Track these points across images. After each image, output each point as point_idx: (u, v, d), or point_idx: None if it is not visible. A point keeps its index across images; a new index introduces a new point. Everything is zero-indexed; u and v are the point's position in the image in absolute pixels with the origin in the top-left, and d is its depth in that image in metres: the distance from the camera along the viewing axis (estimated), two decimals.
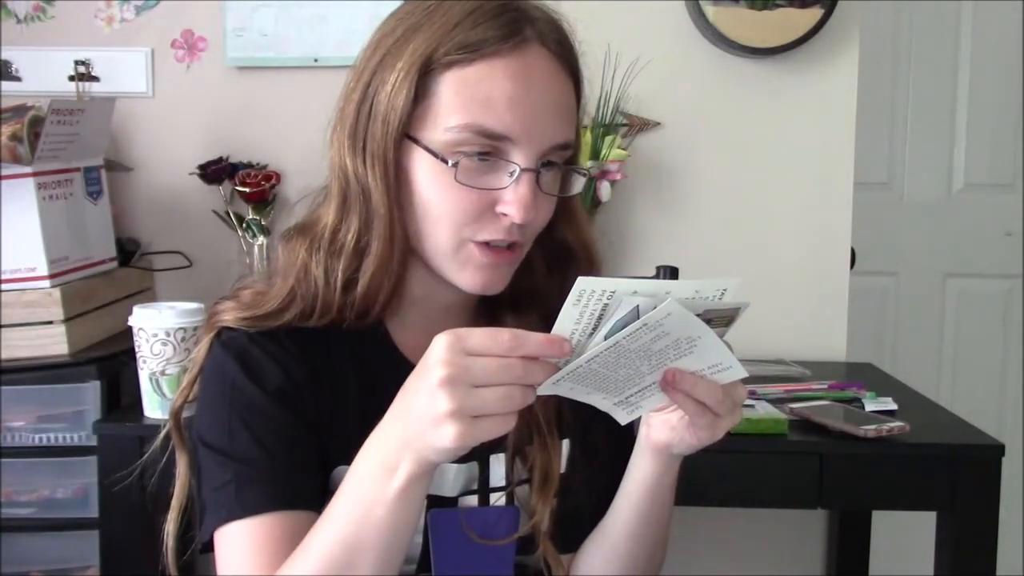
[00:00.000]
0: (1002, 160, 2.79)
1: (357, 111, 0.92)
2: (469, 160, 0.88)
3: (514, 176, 0.89)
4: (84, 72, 2.16)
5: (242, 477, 0.89)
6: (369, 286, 0.93)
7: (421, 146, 0.90)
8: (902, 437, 1.59)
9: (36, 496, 1.79)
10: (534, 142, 0.89)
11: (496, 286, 0.94)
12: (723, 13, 2.06)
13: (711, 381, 0.79)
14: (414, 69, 0.89)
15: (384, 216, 0.91)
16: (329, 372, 0.95)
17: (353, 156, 0.92)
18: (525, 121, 0.88)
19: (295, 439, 0.92)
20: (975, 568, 1.62)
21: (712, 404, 0.80)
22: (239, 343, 0.94)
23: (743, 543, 2.25)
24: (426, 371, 0.75)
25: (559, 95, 0.91)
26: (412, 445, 0.77)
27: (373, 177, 0.91)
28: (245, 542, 0.88)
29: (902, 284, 2.83)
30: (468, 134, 0.88)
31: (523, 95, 0.88)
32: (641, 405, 0.83)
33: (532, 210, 0.89)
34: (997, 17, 2.74)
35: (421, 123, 0.90)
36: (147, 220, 2.22)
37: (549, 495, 0.97)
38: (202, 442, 0.93)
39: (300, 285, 0.94)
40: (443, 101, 0.89)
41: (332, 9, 2.11)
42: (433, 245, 0.92)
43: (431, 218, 0.91)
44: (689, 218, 2.17)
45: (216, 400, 0.93)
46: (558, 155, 0.92)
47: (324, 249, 0.94)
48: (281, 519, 0.88)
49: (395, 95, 0.89)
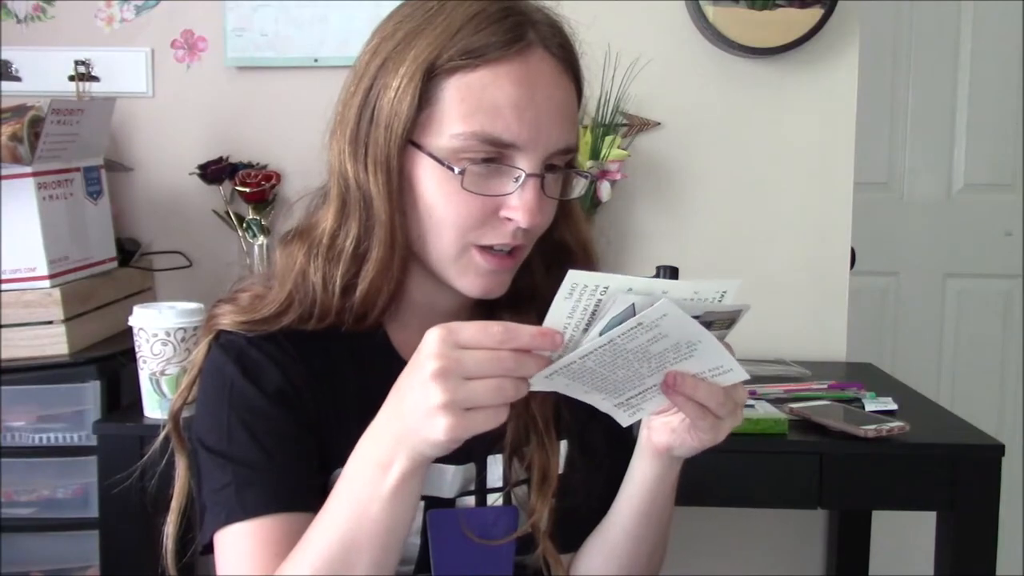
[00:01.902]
0: (1002, 160, 2.79)
1: (358, 116, 0.92)
2: (474, 166, 0.88)
3: (520, 182, 0.89)
4: (84, 72, 2.16)
5: (241, 479, 0.89)
6: (368, 291, 0.93)
7: (425, 152, 0.89)
8: (902, 437, 1.59)
9: (36, 496, 1.79)
10: (539, 148, 0.89)
11: (496, 291, 0.94)
12: (723, 13, 2.06)
13: (712, 384, 0.79)
14: (418, 75, 0.88)
15: (386, 222, 0.91)
16: (328, 375, 0.95)
17: (354, 162, 0.92)
18: (531, 128, 0.88)
19: (294, 441, 0.92)
20: (975, 568, 1.62)
21: (713, 407, 0.80)
22: (238, 345, 0.94)
23: (743, 543, 2.25)
24: (418, 365, 0.75)
25: (563, 100, 0.91)
26: (406, 440, 0.77)
27: (375, 183, 0.90)
28: (245, 544, 0.88)
29: (902, 284, 2.83)
30: (474, 141, 0.87)
31: (528, 102, 0.88)
32: (642, 407, 0.83)
33: (538, 215, 0.89)
34: (997, 17, 2.74)
35: (425, 129, 0.89)
36: (147, 220, 2.22)
37: (548, 494, 0.97)
38: (201, 444, 0.93)
39: (298, 290, 0.94)
40: (447, 107, 0.88)
41: (332, 9, 2.11)
42: (436, 251, 0.92)
43: (434, 224, 0.91)
44: (689, 218, 2.17)
45: (215, 402, 0.93)
46: (560, 159, 0.92)
47: (322, 255, 0.94)
48: (281, 521, 0.88)
49: (398, 101, 0.89)
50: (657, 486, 0.95)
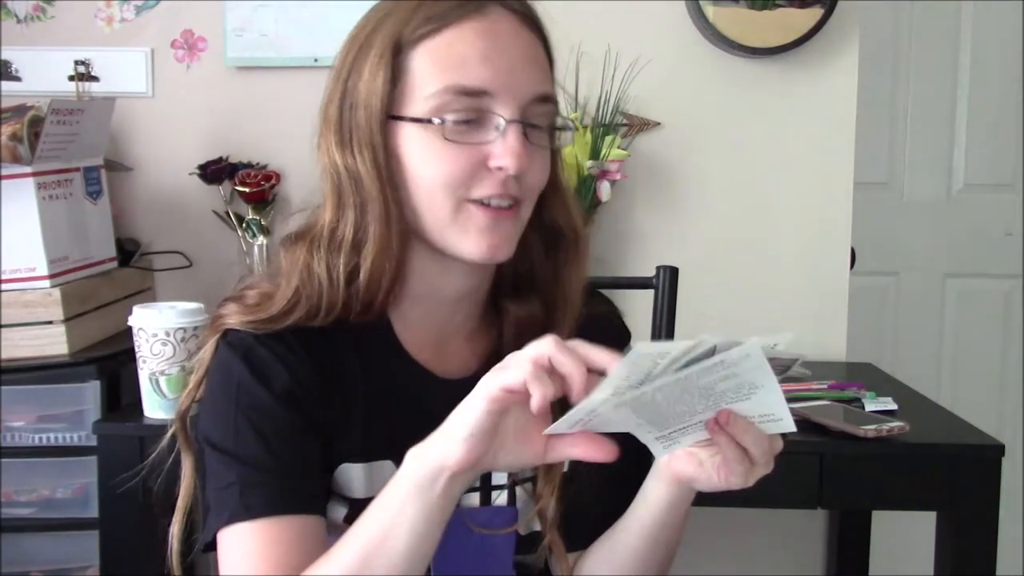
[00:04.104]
0: (1002, 160, 2.79)
1: (340, 108, 0.94)
2: (453, 116, 0.90)
3: (500, 129, 0.90)
4: (84, 72, 2.16)
5: (246, 479, 0.89)
6: (372, 272, 0.93)
7: (406, 120, 0.91)
8: (902, 437, 1.59)
9: (36, 496, 1.79)
10: (514, 93, 0.90)
11: (502, 248, 0.92)
12: (723, 13, 2.06)
13: (760, 431, 0.80)
14: (387, 52, 0.91)
15: (378, 197, 0.92)
16: (335, 371, 0.95)
17: (341, 150, 0.94)
18: (500, 73, 0.90)
19: (301, 441, 0.92)
20: (975, 568, 1.62)
21: (755, 453, 0.81)
22: (246, 343, 0.94)
23: (743, 543, 2.25)
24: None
25: (528, 48, 0.93)
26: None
27: (363, 163, 0.92)
28: (248, 544, 0.88)
29: (902, 284, 2.83)
30: (449, 96, 0.89)
31: (493, 50, 0.90)
32: (680, 441, 0.82)
33: (524, 159, 0.90)
34: (997, 17, 2.74)
35: (402, 101, 0.92)
36: (147, 220, 2.22)
37: (555, 480, 0.97)
38: (207, 441, 0.93)
39: (304, 286, 0.94)
40: (419, 74, 0.91)
41: (332, 9, 2.11)
42: (432, 217, 0.92)
43: (426, 190, 0.91)
44: (689, 218, 2.17)
45: (222, 400, 0.93)
46: (540, 111, 0.93)
47: (324, 247, 0.94)
48: (284, 523, 0.88)
49: (372, 81, 0.92)
50: (669, 511, 0.95)
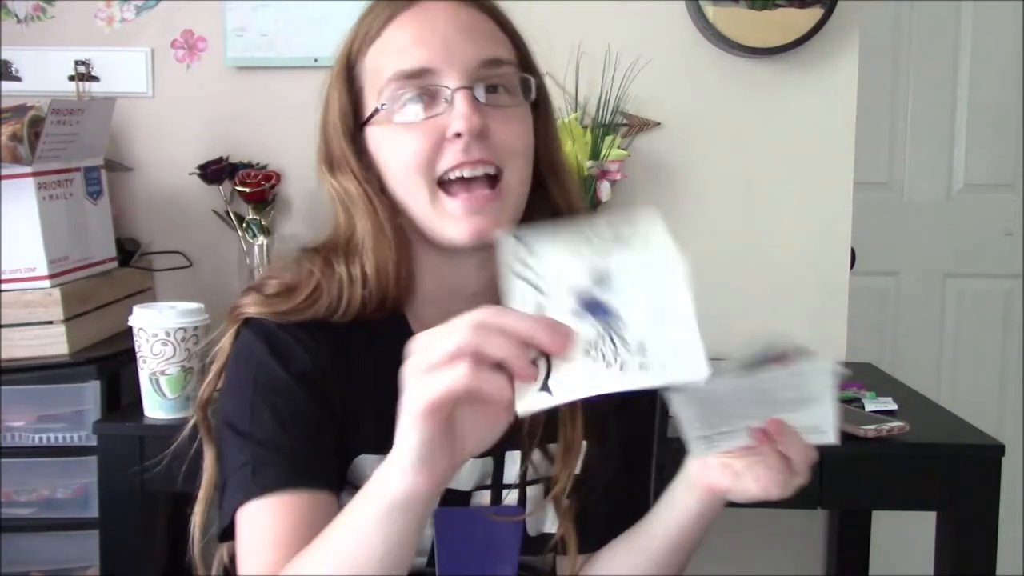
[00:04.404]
0: (1002, 160, 2.79)
1: (322, 136, 0.99)
2: (407, 104, 0.92)
3: (449, 99, 0.91)
4: (84, 72, 2.16)
5: (259, 458, 0.90)
6: (376, 265, 0.95)
7: (369, 124, 0.95)
8: (902, 437, 1.59)
9: (36, 496, 1.79)
10: (455, 63, 0.91)
11: (485, 229, 0.91)
12: (723, 13, 2.06)
13: (806, 442, 0.81)
14: (342, 71, 0.97)
15: (360, 195, 0.95)
16: (352, 364, 0.96)
17: (332, 174, 0.98)
18: (436, 49, 0.92)
19: (316, 422, 0.93)
20: (975, 568, 1.62)
21: (798, 463, 0.82)
22: (268, 328, 0.95)
23: (743, 543, 2.24)
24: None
25: (468, 21, 0.94)
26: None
27: (347, 180, 0.96)
28: (262, 520, 0.88)
29: (902, 284, 2.83)
30: (395, 83, 0.92)
31: (429, 31, 0.93)
32: (719, 444, 0.82)
33: (475, 118, 0.90)
34: (997, 17, 2.74)
35: (362, 109, 0.97)
36: (147, 220, 2.22)
37: (571, 464, 0.97)
38: (225, 423, 0.94)
39: (326, 282, 0.96)
40: (368, 78, 0.96)
41: (332, 9, 2.11)
42: (416, 206, 0.94)
43: (401, 178, 0.94)
44: (689, 218, 2.17)
45: (241, 380, 0.94)
46: (494, 73, 0.93)
47: (342, 253, 0.97)
48: (298, 498, 0.88)
49: (335, 103, 0.97)
50: (698, 520, 0.95)
